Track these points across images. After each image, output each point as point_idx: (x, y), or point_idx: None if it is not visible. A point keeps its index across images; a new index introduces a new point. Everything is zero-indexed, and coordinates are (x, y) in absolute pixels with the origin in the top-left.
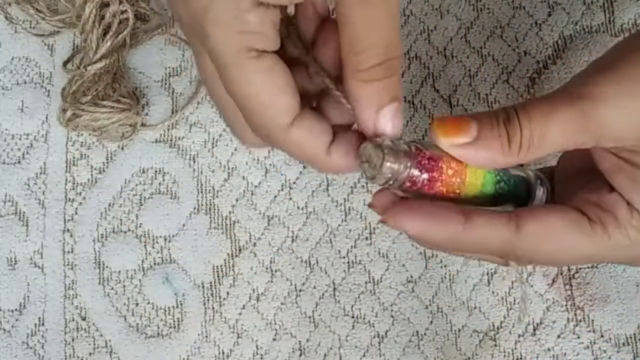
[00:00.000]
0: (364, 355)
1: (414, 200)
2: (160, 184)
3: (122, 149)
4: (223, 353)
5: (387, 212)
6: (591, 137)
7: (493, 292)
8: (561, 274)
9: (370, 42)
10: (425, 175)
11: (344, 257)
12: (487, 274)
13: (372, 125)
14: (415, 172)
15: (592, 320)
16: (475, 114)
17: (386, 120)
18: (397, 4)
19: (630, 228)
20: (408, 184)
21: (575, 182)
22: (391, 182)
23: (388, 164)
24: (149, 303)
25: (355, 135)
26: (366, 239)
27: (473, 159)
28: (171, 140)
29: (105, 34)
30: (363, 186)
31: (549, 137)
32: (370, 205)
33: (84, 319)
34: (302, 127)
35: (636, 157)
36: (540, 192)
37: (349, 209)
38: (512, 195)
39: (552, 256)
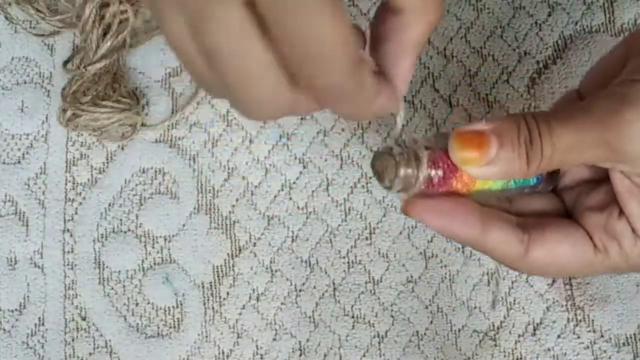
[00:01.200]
0: (364, 355)
1: (436, 197)
2: (160, 184)
3: (122, 149)
4: (223, 353)
5: (409, 204)
6: (610, 163)
7: (493, 292)
8: None
9: (428, 23)
10: (439, 173)
11: (344, 257)
12: (487, 274)
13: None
14: (432, 173)
15: (592, 320)
16: (495, 126)
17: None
18: None
19: (631, 255)
20: (423, 186)
21: (586, 185)
22: (407, 187)
23: (402, 170)
24: (149, 303)
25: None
26: (366, 239)
27: (486, 176)
28: (171, 140)
29: (105, 34)
30: (363, 186)
31: (569, 161)
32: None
33: (84, 319)
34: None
35: None
36: (546, 183)
37: (349, 209)
38: (520, 188)
39: (549, 275)
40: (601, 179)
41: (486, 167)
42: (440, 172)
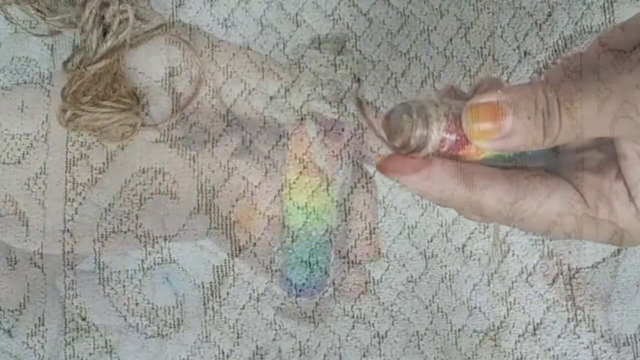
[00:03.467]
0: (364, 355)
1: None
2: (160, 184)
3: (122, 149)
4: (223, 353)
5: (385, 162)
6: (628, 138)
7: (493, 292)
8: (561, 273)
9: None
10: (452, 138)
11: (344, 257)
12: (487, 274)
13: None
14: (446, 137)
15: (592, 320)
16: (512, 95)
17: None
18: None
19: (619, 219)
20: (432, 150)
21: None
22: (419, 148)
23: (418, 131)
24: (149, 303)
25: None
26: (366, 239)
27: (500, 150)
28: (171, 140)
29: (105, 34)
30: (363, 186)
31: (586, 134)
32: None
33: (84, 319)
34: None
35: None
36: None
37: (349, 209)
38: (522, 153)
39: (536, 229)
40: (596, 145)
41: (500, 140)
42: (452, 137)
